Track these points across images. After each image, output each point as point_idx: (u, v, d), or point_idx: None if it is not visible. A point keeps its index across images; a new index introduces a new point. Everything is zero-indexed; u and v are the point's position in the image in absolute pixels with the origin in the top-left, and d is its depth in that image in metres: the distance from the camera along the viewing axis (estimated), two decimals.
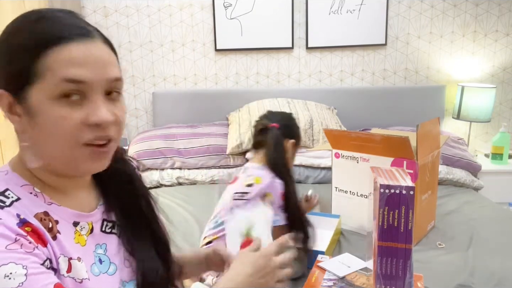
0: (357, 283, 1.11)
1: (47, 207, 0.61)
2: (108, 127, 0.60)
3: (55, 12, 0.60)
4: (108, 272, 0.67)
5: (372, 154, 1.67)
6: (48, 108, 0.57)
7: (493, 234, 1.68)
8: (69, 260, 0.60)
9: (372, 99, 2.78)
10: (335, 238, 1.67)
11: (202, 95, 2.81)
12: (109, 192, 0.73)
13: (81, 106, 0.58)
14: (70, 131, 0.57)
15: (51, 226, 0.60)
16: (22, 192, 0.60)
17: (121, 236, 0.73)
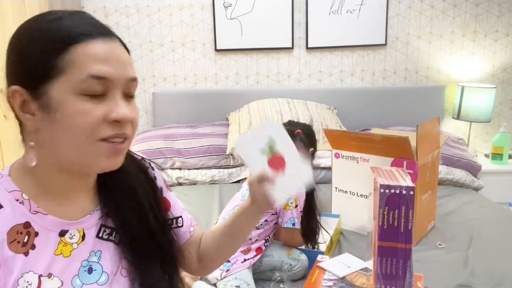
0: (357, 283, 1.11)
1: (30, 216, 0.60)
2: (126, 125, 0.61)
3: (71, 12, 0.61)
4: (98, 282, 0.65)
5: (372, 154, 1.67)
6: (71, 102, 0.57)
7: (493, 234, 1.68)
8: (40, 277, 0.59)
9: (372, 99, 2.78)
10: (335, 238, 1.67)
11: (202, 95, 2.81)
12: (110, 196, 0.71)
13: (102, 102, 0.59)
14: (90, 126, 0.58)
15: (26, 241, 0.59)
16: (8, 198, 0.59)
17: (119, 243, 0.70)
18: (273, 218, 1.46)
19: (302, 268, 1.44)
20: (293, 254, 1.46)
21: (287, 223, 1.43)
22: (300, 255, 1.46)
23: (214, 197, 2.11)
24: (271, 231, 1.48)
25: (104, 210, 0.70)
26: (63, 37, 0.57)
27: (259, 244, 1.43)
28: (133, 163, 0.75)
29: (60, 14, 0.60)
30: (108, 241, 0.68)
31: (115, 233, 0.70)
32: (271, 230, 1.47)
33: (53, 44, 0.57)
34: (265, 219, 1.43)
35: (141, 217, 0.72)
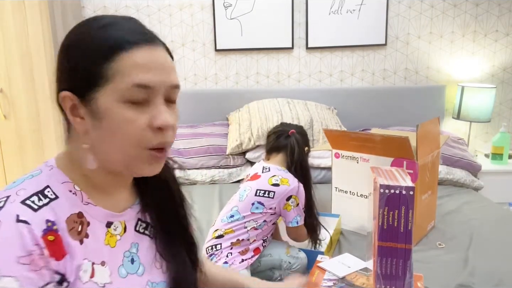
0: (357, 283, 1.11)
1: (82, 207, 0.63)
2: (168, 132, 0.62)
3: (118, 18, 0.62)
4: (137, 273, 0.68)
5: (372, 154, 1.67)
6: (116, 111, 0.59)
7: (493, 234, 1.68)
8: (93, 265, 0.61)
9: (372, 99, 2.78)
10: (335, 238, 1.67)
11: (202, 95, 2.81)
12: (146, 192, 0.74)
13: (146, 109, 0.60)
14: (136, 134, 0.59)
15: (80, 230, 0.61)
16: (62, 189, 0.62)
17: (154, 237, 0.74)
18: (272, 218, 1.46)
19: (301, 266, 1.44)
20: (291, 252, 1.46)
21: (291, 223, 1.45)
22: (298, 253, 1.46)
23: (214, 197, 2.11)
24: (269, 231, 1.48)
25: (141, 205, 0.73)
26: (110, 45, 0.59)
27: (257, 244, 1.43)
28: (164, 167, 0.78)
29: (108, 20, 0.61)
30: (144, 235, 0.72)
31: (150, 227, 0.73)
32: (269, 231, 1.47)
33: (101, 53, 0.59)
34: (263, 220, 1.43)
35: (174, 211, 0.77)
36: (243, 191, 1.48)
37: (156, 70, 0.60)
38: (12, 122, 2.70)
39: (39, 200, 0.58)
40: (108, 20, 0.61)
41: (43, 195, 0.59)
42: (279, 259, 1.44)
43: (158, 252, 0.73)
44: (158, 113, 0.61)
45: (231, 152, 2.42)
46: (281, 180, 1.45)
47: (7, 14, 2.62)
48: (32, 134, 2.71)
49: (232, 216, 1.44)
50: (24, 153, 2.72)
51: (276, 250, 1.47)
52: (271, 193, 1.43)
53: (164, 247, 0.74)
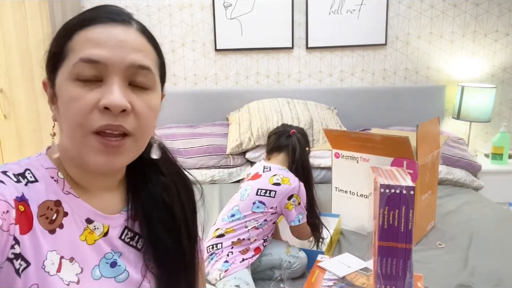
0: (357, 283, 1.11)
1: (62, 196, 0.59)
2: (122, 117, 0.55)
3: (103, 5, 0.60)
4: (116, 278, 0.62)
5: (372, 154, 1.67)
6: (65, 88, 0.55)
7: (493, 234, 1.68)
8: (61, 259, 0.57)
9: (372, 99, 2.78)
10: (335, 238, 1.67)
11: (202, 95, 2.81)
12: (139, 200, 0.67)
13: (96, 89, 0.54)
14: (80, 113, 0.53)
15: (54, 218, 0.57)
16: (44, 174, 0.59)
17: (143, 251, 0.66)
18: (273, 218, 1.46)
19: (301, 265, 1.44)
20: (291, 252, 1.46)
21: (294, 222, 1.46)
22: (298, 253, 1.46)
23: (214, 197, 2.11)
24: (270, 230, 1.48)
25: (131, 213, 0.67)
26: (71, 25, 0.57)
27: (258, 244, 1.43)
28: (178, 179, 0.72)
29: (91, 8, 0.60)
30: (129, 246, 0.65)
31: (138, 238, 0.66)
32: (270, 230, 1.48)
33: (63, 34, 0.57)
34: (264, 219, 1.43)
35: (171, 226, 0.69)
36: (244, 191, 1.48)
37: (111, 47, 0.55)
38: (12, 122, 2.69)
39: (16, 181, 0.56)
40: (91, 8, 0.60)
41: (23, 176, 0.57)
42: (279, 258, 1.44)
43: (145, 266, 0.66)
44: (108, 92, 0.54)
45: (231, 152, 2.42)
46: (282, 179, 1.45)
47: (7, 14, 2.62)
48: (32, 134, 2.71)
49: (233, 215, 1.44)
50: (24, 153, 2.72)
51: (276, 250, 1.47)
52: (272, 192, 1.44)
53: (154, 262, 0.67)
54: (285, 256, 1.44)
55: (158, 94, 0.62)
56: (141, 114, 0.57)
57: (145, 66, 0.57)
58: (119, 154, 0.57)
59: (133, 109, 0.56)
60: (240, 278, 1.32)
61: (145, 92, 0.58)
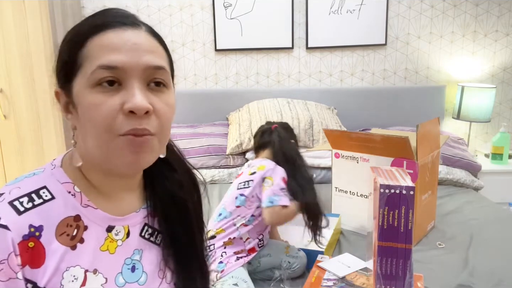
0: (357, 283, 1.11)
1: (81, 210, 0.60)
2: (145, 119, 0.56)
3: (107, 9, 0.61)
4: (138, 282, 0.64)
5: (372, 154, 1.67)
6: (86, 97, 0.55)
7: (493, 234, 1.68)
8: (85, 273, 0.58)
9: (372, 99, 2.78)
10: (335, 238, 1.67)
11: (202, 95, 2.81)
12: (157, 197, 0.70)
13: (117, 93, 0.56)
14: (105, 119, 0.54)
15: (74, 234, 0.58)
16: (61, 190, 0.59)
17: (161, 245, 0.69)
18: (260, 212, 1.42)
19: (301, 265, 1.44)
20: (291, 252, 1.46)
21: (264, 203, 1.39)
22: (298, 252, 1.46)
23: (214, 197, 2.11)
24: (263, 228, 1.45)
25: (150, 210, 0.69)
26: (83, 32, 0.57)
27: (253, 244, 1.42)
28: (187, 173, 0.74)
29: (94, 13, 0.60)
30: (149, 242, 0.68)
31: (157, 234, 0.69)
32: (262, 227, 1.45)
33: (75, 41, 0.57)
34: (251, 214, 1.41)
35: (186, 221, 0.71)
36: (229, 190, 1.50)
37: (126, 51, 0.56)
38: (12, 122, 2.69)
39: (29, 202, 0.55)
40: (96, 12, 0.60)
41: (37, 195, 0.56)
42: (279, 259, 1.43)
43: (164, 261, 0.69)
44: (130, 96, 0.55)
45: (231, 152, 2.42)
46: (258, 167, 1.46)
47: (7, 14, 2.62)
48: (32, 134, 2.71)
49: (220, 214, 1.44)
50: (24, 153, 2.72)
51: (275, 250, 1.47)
52: (250, 182, 1.44)
53: (171, 257, 0.70)
54: (285, 257, 1.44)
55: (173, 92, 0.63)
56: (162, 113, 0.58)
57: (161, 66, 0.59)
58: (145, 153, 0.58)
59: (155, 110, 0.57)
60: (237, 276, 1.31)
61: (162, 92, 0.60)
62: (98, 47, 0.56)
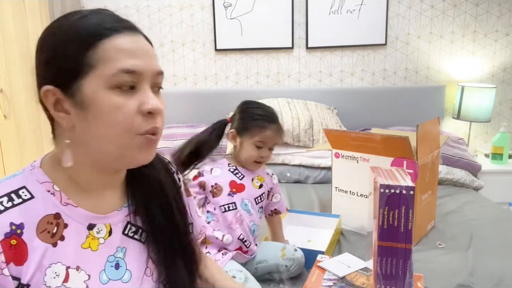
0: (357, 283, 1.11)
1: (61, 208, 0.61)
2: (156, 118, 0.62)
3: (96, 10, 0.62)
4: (122, 279, 0.65)
5: (372, 154, 1.67)
6: (103, 97, 0.58)
7: (493, 234, 1.68)
8: (67, 269, 0.59)
9: (372, 99, 2.78)
10: (335, 238, 1.67)
11: (202, 95, 2.81)
12: (138, 195, 0.71)
13: (133, 95, 0.60)
14: (126, 120, 0.59)
15: (55, 231, 0.59)
16: (40, 189, 0.60)
17: (146, 243, 0.70)
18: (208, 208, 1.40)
19: (299, 266, 1.41)
20: (287, 254, 1.41)
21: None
22: (294, 253, 1.42)
23: None
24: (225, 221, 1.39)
25: (132, 208, 0.70)
26: (91, 33, 0.58)
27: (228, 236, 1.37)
28: (159, 164, 0.76)
29: (86, 13, 0.61)
30: (133, 239, 0.69)
31: (141, 231, 0.70)
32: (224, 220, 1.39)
33: (82, 41, 0.58)
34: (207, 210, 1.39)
35: (168, 216, 0.73)
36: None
37: (141, 56, 0.61)
38: (12, 122, 2.69)
39: (8, 201, 0.57)
40: (86, 12, 0.61)
41: (17, 195, 0.58)
42: (276, 264, 1.40)
43: (150, 259, 0.70)
44: (147, 98, 0.60)
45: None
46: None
47: (7, 14, 2.62)
48: (31, 134, 2.71)
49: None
50: (24, 153, 2.72)
51: (271, 255, 1.42)
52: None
53: (157, 254, 0.71)
54: (281, 261, 1.39)
55: None
56: (163, 113, 0.65)
57: (162, 71, 0.65)
58: (154, 147, 0.64)
59: None
60: (231, 269, 1.28)
61: (160, 94, 0.65)
62: (115, 50, 0.58)
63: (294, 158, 2.40)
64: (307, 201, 2.06)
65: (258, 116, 1.42)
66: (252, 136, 1.39)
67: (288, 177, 2.37)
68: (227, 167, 1.46)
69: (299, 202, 2.06)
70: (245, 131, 1.41)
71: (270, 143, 1.41)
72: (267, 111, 1.45)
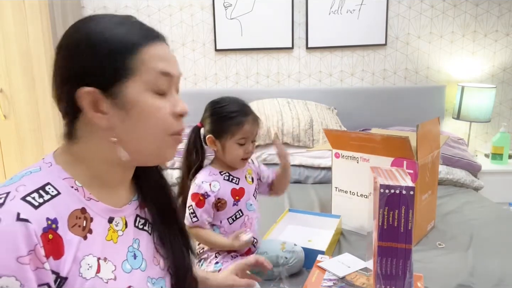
0: (357, 283, 1.11)
1: (85, 202, 0.63)
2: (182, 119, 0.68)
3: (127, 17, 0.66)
4: (140, 268, 0.70)
5: (372, 154, 1.67)
6: (145, 100, 0.63)
7: (493, 234, 1.68)
8: (98, 260, 0.62)
9: (372, 99, 2.78)
10: (336, 239, 1.67)
11: (202, 95, 2.80)
12: (143, 188, 0.76)
13: (166, 98, 0.65)
14: (164, 121, 0.65)
15: (84, 225, 0.62)
16: (64, 185, 0.62)
17: (152, 233, 0.75)
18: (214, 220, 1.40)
19: (298, 260, 1.43)
20: (287, 247, 1.44)
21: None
22: (294, 247, 1.45)
23: None
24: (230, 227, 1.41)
25: (139, 201, 0.75)
26: (132, 40, 0.62)
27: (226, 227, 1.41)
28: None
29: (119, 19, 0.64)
30: (143, 231, 0.73)
31: (148, 223, 0.75)
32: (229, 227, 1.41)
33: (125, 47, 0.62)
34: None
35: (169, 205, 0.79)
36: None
37: (172, 62, 0.67)
38: (12, 122, 2.69)
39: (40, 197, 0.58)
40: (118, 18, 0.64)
41: (44, 191, 0.59)
42: (276, 255, 1.42)
43: (156, 248, 0.75)
44: (177, 101, 0.67)
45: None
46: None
47: (7, 14, 2.62)
48: (32, 134, 2.71)
49: None
50: (24, 153, 2.72)
51: (271, 248, 1.45)
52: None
53: (162, 242, 0.76)
54: (281, 253, 1.42)
55: None
56: None
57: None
58: (177, 147, 0.70)
59: None
60: None
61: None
62: (153, 57, 0.63)
63: (294, 158, 2.40)
64: (307, 201, 2.06)
65: (231, 113, 1.35)
66: (233, 136, 1.33)
67: None
68: (220, 176, 1.40)
69: (299, 202, 2.06)
70: (223, 132, 1.34)
71: (251, 137, 1.36)
72: (238, 105, 1.37)
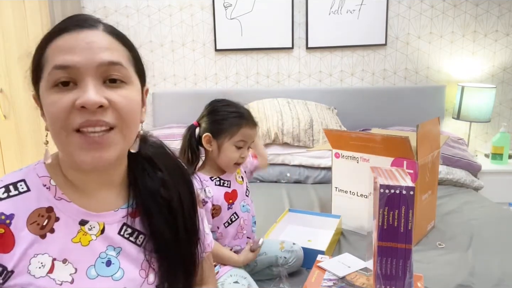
0: (357, 283, 1.11)
1: (54, 202, 0.63)
2: (100, 113, 0.58)
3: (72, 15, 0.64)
4: (113, 277, 0.65)
5: (372, 154, 1.67)
6: (45, 97, 0.60)
7: (493, 234, 1.68)
8: (53, 261, 0.61)
9: (372, 99, 2.78)
10: (335, 239, 1.67)
11: (202, 95, 2.80)
12: (142, 199, 0.71)
13: (71, 91, 0.59)
14: (60, 114, 0.58)
15: (45, 224, 0.62)
16: (37, 183, 0.63)
17: (143, 247, 0.69)
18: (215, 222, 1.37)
19: (297, 259, 1.43)
20: (286, 247, 1.44)
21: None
22: (293, 246, 1.44)
23: None
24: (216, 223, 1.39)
25: (130, 210, 0.70)
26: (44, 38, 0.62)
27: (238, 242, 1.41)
28: (176, 172, 0.75)
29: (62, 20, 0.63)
30: (129, 241, 0.69)
31: (138, 234, 0.69)
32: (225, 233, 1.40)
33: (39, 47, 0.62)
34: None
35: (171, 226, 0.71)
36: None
37: (80, 51, 0.58)
38: (12, 122, 2.69)
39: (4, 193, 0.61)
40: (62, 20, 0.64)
41: (15, 187, 0.62)
42: (275, 255, 1.42)
43: (147, 262, 0.69)
44: (82, 92, 0.58)
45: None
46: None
47: (7, 14, 2.62)
48: (31, 134, 2.71)
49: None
50: (24, 153, 2.72)
51: (270, 248, 1.45)
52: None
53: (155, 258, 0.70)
54: (280, 253, 1.42)
55: (136, 88, 0.65)
56: (120, 106, 0.60)
57: (115, 61, 0.61)
58: (105, 148, 0.60)
59: (111, 103, 0.60)
60: (235, 274, 1.29)
61: (120, 87, 0.62)
62: (55, 50, 0.59)
63: (294, 158, 2.40)
64: (307, 201, 2.06)
65: (233, 113, 1.32)
66: (232, 136, 1.30)
67: (288, 177, 2.37)
68: (211, 181, 1.35)
69: (299, 202, 2.06)
70: (222, 132, 1.31)
71: (249, 141, 1.34)
72: (240, 108, 1.35)
